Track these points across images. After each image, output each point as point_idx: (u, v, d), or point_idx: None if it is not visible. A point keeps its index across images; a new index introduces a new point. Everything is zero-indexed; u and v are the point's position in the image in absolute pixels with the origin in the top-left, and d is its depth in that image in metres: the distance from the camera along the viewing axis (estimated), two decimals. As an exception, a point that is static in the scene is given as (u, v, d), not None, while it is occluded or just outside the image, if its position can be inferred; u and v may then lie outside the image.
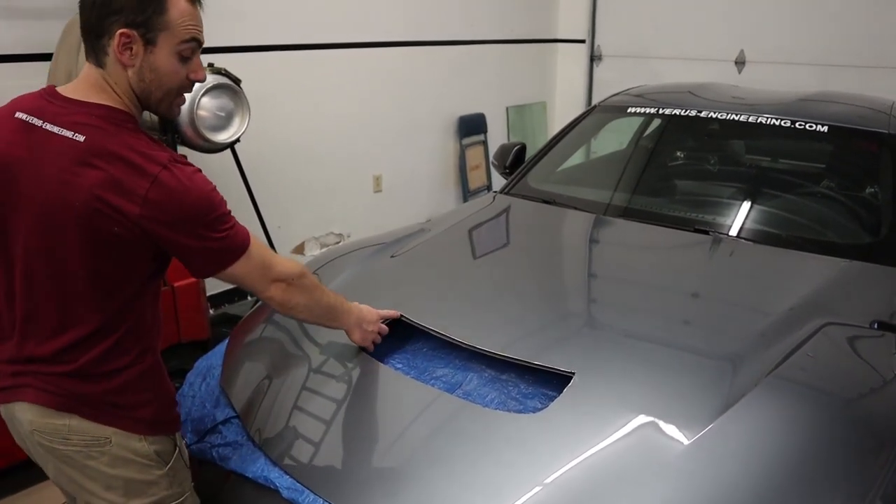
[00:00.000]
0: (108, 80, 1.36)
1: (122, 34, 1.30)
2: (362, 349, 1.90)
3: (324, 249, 4.64)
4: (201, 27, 1.40)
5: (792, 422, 1.57)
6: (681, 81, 3.74)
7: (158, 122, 3.02)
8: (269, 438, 1.73)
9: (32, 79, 2.67)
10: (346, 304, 1.76)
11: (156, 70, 1.36)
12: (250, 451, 1.70)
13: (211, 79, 3.05)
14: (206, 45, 1.43)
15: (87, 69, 1.38)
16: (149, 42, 1.33)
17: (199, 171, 1.40)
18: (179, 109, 1.50)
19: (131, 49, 1.32)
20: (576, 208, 2.75)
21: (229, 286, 4.11)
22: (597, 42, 6.33)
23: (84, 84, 1.38)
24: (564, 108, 6.42)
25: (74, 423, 1.40)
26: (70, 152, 1.30)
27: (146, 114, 3.16)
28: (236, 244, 1.43)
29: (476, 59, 5.62)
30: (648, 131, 3.32)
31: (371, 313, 1.85)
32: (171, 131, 3.04)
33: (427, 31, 5.15)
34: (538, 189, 2.97)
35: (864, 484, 1.46)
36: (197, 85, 2.95)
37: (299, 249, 4.58)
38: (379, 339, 1.88)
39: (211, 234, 1.38)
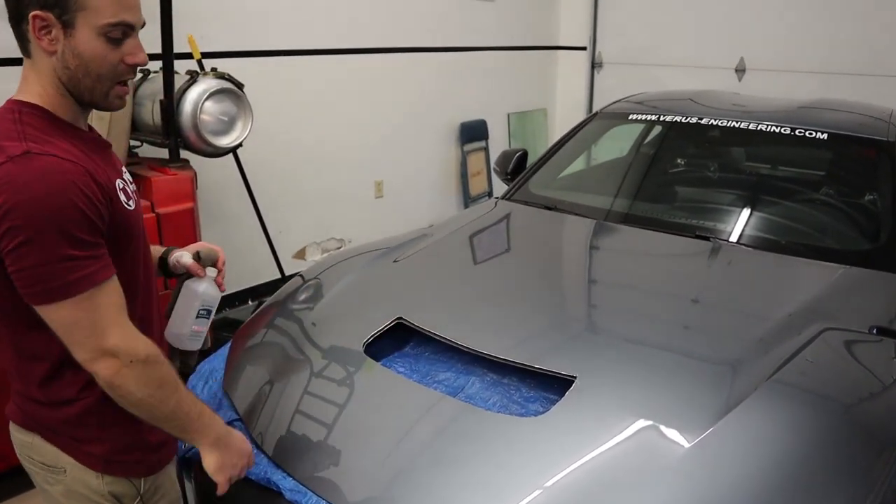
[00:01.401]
0: (34, 70, 1.24)
1: (35, 17, 1.18)
2: (367, 355, 1.91)
3: (325, 255, 4.65)
4: (132, 5, 1.25)
5: (791, 426, 1.58)
6: (682, 89, 3.75)
7: (161, 127, 3.04)
8: (272, 441, 1.73)
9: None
10: (210, 419, 1.37)
11: (79, 55, 1.21)
12: (253, 454, 1.71)
13: (214, 83, 3.06)
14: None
15: (23, 63, 1.27)
16: (66, 24, 1.19)
17: (74, 172, 1.16)
18: (122, 101, 1.31)
19: (50, 33, 1.19)
20: (577, 214, 2.76)
21: (232, 290, 4.13)
22: (598, 49, 6.35)
23: (20, 80, 1.27)
24: (565, 115, 6.44)
25: (37, 442, 1.35)
26: None
27: (149, 117, 3.17)
28: (64, 280, 1.14)
29: (477, 66, 5.64)
30: (649, 138, 3.33)
31: (242, 443, 1.45)
32: (174, 135, 3.06)
33: (429, 37, 5.18)
34: (539, 195, 2.98)
35: (863, 488, 1.46)
36: (200, 89, 3.04)
37: (300, 254, 4.59)
38: (238, 477, 1.46)
39: (33, 251, 1.12)
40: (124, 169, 1.40)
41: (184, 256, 1.57)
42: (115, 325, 1.20)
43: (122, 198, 1.29)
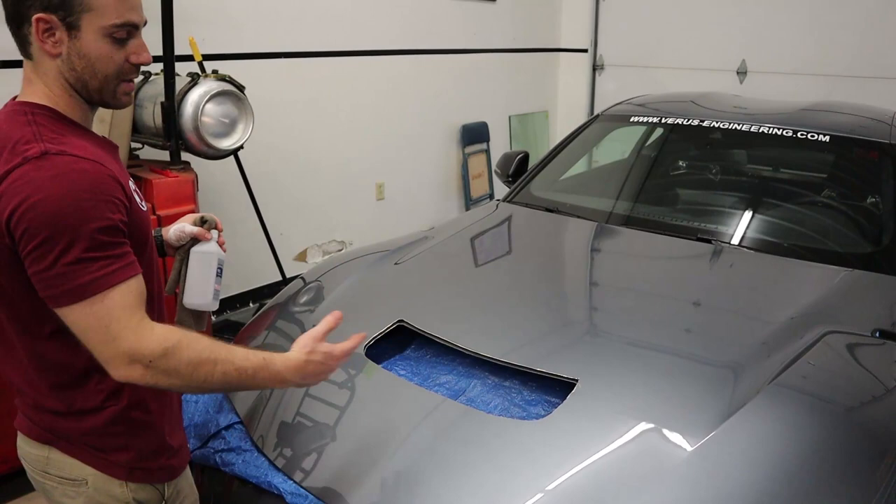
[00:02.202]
0: (38, 72, 1.22)
1: (38, 20, 1.16)
2: (368, 358, 1.90)
3: (326, 257, 4.64)
4: (135, 4, 1.24)
5: (794, 429, 1.58)
6: (683, 91, 3.75)
7: (163, 129, 3.04)
8: (273, 444, 1.73)
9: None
10: (264, 370, 1.29)
11: (85, 56, 1.20)
12: (254, 457, 1.70)
13: (215, 86, 3.06)
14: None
15: (24, 65, 1.25)
16: (71, 27, 1.17)
17: (93, 172, 1.15)
18: (129, 98, 1.31)
19: (54, 35, 1.18)
20: (578, 217, 2.76)
21: (234, 292, 4.13)
22: (599, 52, 6.35)
23: (23, 82, 1.25)
24: (566, 118, 6.44)
25: (54, 455, 1.31)
26: None
27: (150, 119, 3.16)
28: (77, 282, 1.12)
29: (479, 68, 5.64)
30: (651, 140, 3.33)
31: (311, 364, 1.35)
32: (175, 137, 3.05)
33: (430, 39, 5.17)
34: (541, 197, 2.98)
35: (865, 491, 1.46)
36: (201, 91, 3.04)
37: (301, 257, 4.59)
38: (332, 367, 1.40)
39: (50, 253, 1.11)
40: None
41: (187, 226, 1.55)
42: (126, 329, 1.15)
43: (137, 199, 1.28)
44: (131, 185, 1.28)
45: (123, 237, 1.18)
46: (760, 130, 2.81)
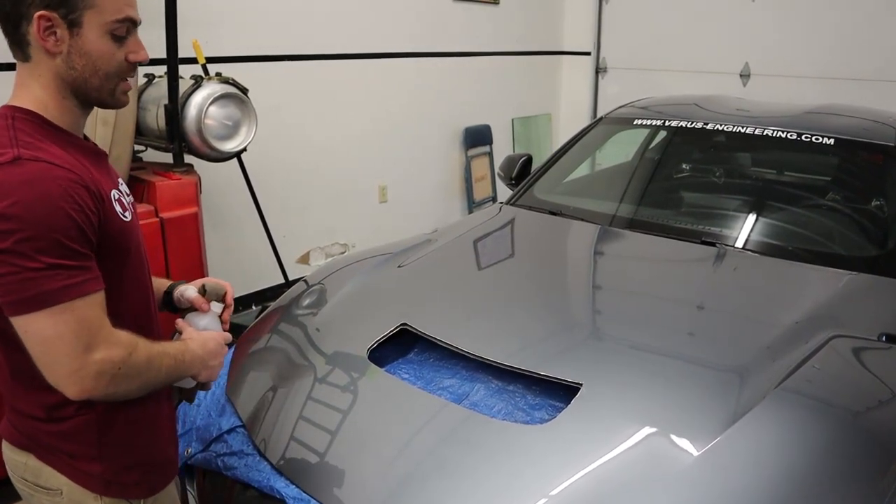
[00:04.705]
0: (33, 75, 1.21)
1: (40, 17, 1.15)
2: (371, 361, 1.90)
3: (329, 259, 4.64)
4: (132, 1, 1.24)
5: (800, 435, 1.57)
6: (686, 94, 3.74)
7: (166, 131, 3.04)
8: (275, 448, 1.72)
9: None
10: (188, 352, 1.33)
11: (87, 55, 1.20)
12: (256, 461, 1.70)
13: (218, 88, 3.06)
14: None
15: (17, 68, 1.23)
16: (73, 24, 1.17)
17: (66, 180, 1.13)
18: (128, 97, 1.31)
19: (55, 34, 1.17)
20: (582, 219, 2.75)
21: (236, 294, 4.11)
22: (602, 54, 6.35)
23: (14, 87, 1.24)
24: (569, 120, 6.43)
25: (32, 462, 1.30)
26: None
27: (154, 121, 3.16)
28: (46, 288, 1.09)
29: (482, 71, 5.64)
30: (654, 143, 3.32)
31: (211, 341, 1.40)
32: (178, 140, 3.05)
33: (434, 42, 5.18)
34: (544, 200, 2.97)
35: (872, 497, 1.45)
36: (205, 93, 3.05)
37: (304, 259, 4.58)
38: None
39: (17, 258, 1.07)
40: (121, 180, 1.36)
41: (188, 290, 1.51)
42: (99, 338, 1.14)
43: (118, 209, 1.25)
44: (114, 195, 1.26)
45: (91, 249, 1.16)
46: (764, 133, 2.80)
